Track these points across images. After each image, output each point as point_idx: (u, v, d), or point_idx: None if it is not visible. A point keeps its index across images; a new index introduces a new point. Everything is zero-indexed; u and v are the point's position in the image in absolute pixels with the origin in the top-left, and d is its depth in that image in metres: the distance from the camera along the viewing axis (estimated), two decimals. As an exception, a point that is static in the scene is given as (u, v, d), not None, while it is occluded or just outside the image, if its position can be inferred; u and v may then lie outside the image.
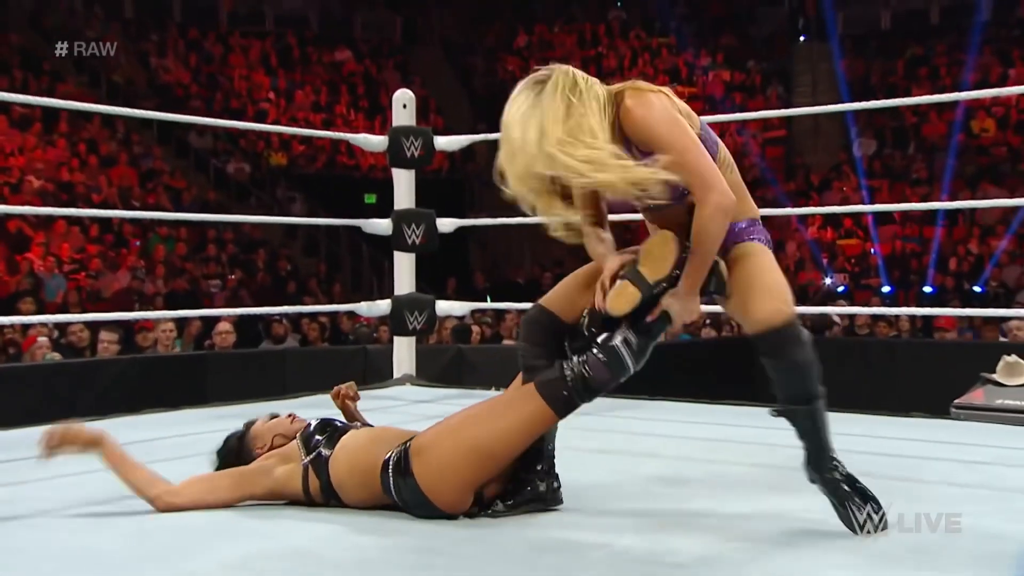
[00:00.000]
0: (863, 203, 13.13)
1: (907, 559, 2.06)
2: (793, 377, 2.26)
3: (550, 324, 2.42)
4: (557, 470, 2.48)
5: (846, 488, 2.26)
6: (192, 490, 2.43)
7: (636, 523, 2.35)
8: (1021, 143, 14.47)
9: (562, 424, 2.37)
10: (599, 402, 2.34)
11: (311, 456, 2.46)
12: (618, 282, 2.33)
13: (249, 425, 2.65)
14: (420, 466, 2.33)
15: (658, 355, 2.46)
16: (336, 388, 2.92)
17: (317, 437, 2.49)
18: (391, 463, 2.38)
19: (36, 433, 3.70)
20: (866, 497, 2.25)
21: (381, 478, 2.39)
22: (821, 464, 2.29)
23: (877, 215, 13.74)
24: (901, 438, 3.43)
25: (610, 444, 2.46)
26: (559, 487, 2.47)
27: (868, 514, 2.24)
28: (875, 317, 8.57)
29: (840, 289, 12.91)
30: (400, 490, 2.36)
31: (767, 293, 2.29)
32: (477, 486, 2.37)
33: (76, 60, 15.33)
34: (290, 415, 2.66)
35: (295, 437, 2.53)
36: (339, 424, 2.56)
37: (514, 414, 2.34)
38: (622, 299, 2.31)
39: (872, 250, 13.89)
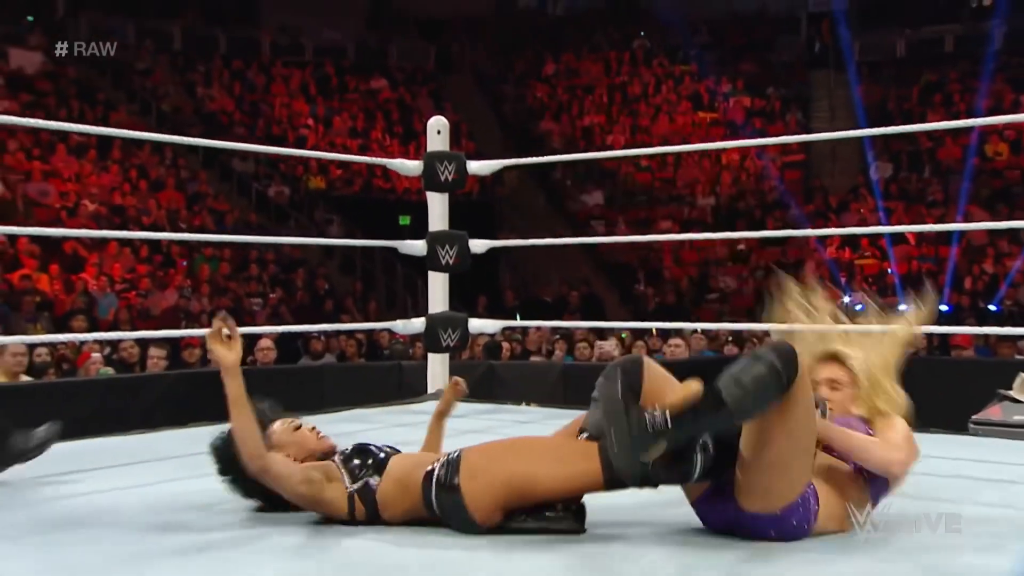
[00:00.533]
0: (880, 224, 13.05)
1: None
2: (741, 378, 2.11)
3: (635, 378, 2.26)
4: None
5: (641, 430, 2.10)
6: (281, 470, 2.39)
7: (660, 538, 2.31)
8: (1034, 166, 14.34)
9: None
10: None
11: (358, 485, 2.41)
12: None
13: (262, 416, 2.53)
14: (467, 483, 2.33)
15: (683, 371, 2.43)
16: (456, 379, 2.99)
17: (356, 462, 2.45)
18: (436, 476, 2.37)
19: (89, 445, 3.75)
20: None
21: (423, 488, 2.38)
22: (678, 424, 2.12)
23: (893, 236, 13.64)
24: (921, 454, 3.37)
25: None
26: (582, 511, 2.41)
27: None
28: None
29: (858, 308, 12.77)
30: (442, 501, 2.36)
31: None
32: (510, 508, 2.37)
33: (128, 91, 15.53)
34: (313, 428, 2.61)
35: (327, 457, 2.51)
36: (374, 450, 2.51)
37: (568, 467, 2.32)
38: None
39: (889, 269, 13.77)
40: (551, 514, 2.37)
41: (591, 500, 2.44)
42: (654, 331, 8.62)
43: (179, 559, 2.20)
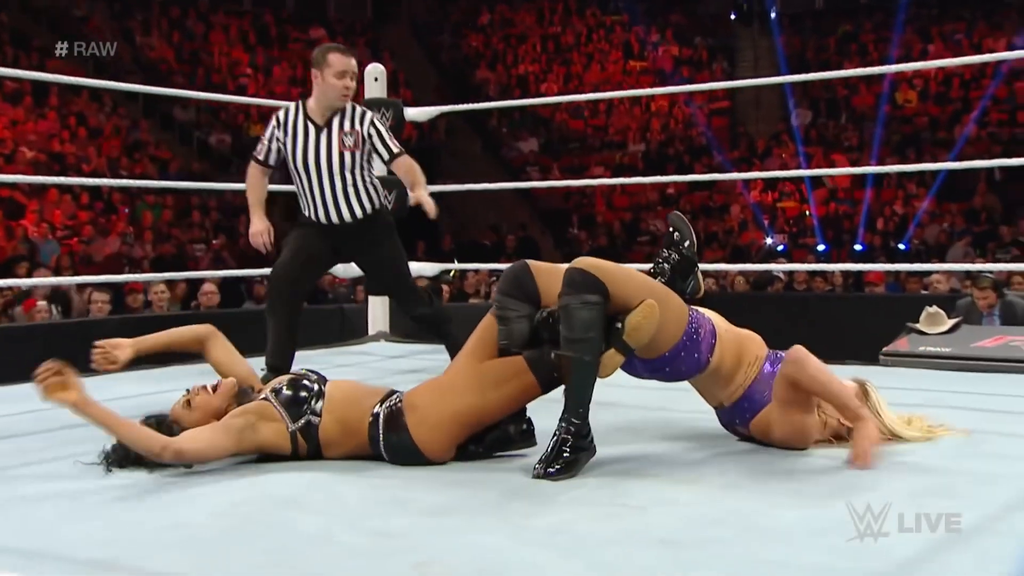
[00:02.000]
0: (800, 168, 13.23)
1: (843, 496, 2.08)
2: (569, 321, 2.28)
3: (528, 285, 2.45)
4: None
5: (558, 443, 2.28)
6: (196, 445, 2.28)
7: (599, 469, 2.35)
8: (939, 113, 14.59)
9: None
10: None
11: (300, 424, 2.38)
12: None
13: (161, 420, 2.43)
14: (414, 424, 2.35)
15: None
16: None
17: (291, 398, 2.39)
18: (382, 419, 2.37)
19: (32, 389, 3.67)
20: (557, 462, 2.27)
21: (369, 432, 2.38)
22: (567, 411, 2.31)
23: (812, 180, 13.83)
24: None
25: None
26: (530, 429, 2.47)
27: (550, 463, 2.26)
28: (812, 273, 8.64)
29: (780, 248, 12.99)
30: (390, 443, 2.36)
31: (606, 261, 2.38)
32: (463, 440, 2.40)
33: (65, 37, 14.99)
34: (203, 386, 2.47)
35: (246, 397, 2.45)
36: (307, 384, 2.43)
37: (508, 388, 2.38)
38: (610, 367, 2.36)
39: (808, 212, 13.98)
40: (497, 434, 2.42)
41: (537, 431, 2.47)
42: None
43: (119, 502, 2.17)
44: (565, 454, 2.27)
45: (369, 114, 3.69)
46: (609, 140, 16.59)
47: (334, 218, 3.67)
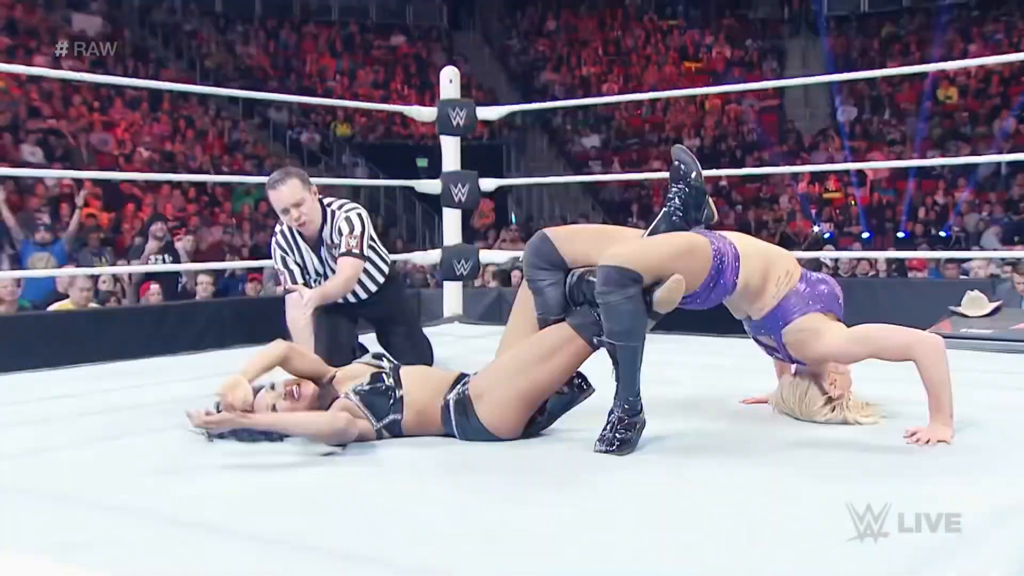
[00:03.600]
0: (846, 162, 12.91)
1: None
2: (611, 316, 2.22)
3: (550, 253, 2.41)
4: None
5: (615, 423, 2.23)
6: (348, 423, 2.27)
7: (659, 445, 2.30)
8: (979, 108, 14.12)
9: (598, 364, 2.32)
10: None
11: (386, 422, 2.35)
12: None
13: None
14: (482, 409, 2.33)
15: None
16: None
17: (375, 399, 2.35)
18: (452, 404, 2.35)
19: (149, 363, 3.76)
20: (617, 438, 2.22)
21: (443, 417, 2.37)
22: (619, 394, 2.25)
23: (858, 172, 13.49)
24: (880, 364, 3.34)
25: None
26: (583, 381, 2.42)
27: (608, 441, 2.21)
28: (857, 260, 8.43)
29: (827, 236, 12.69)
30: (462, 426, 2.35)
31: (632, 244, 2.33)
32: (529, 415, 2.37)
33: (176, 50, 15.30)
34: (289, 392, 2.37)
35: (331, 388, 2.42)
36: (385, 379, 2.39)
37: (560, 358, 2.32)
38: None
39: (854, 202, 13.65)
40: (555, 400, 2.37)
41: (598, 407, 2.43)
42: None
43: (225, 469, 2.20)
44: (622, 433, 2.23)
45: (342, 216, 3.34)
46: (666, 136, 16.37)
47: (350, 298, 3.46)
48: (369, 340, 3.62)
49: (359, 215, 3.39)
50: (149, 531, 1.73)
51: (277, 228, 3.42)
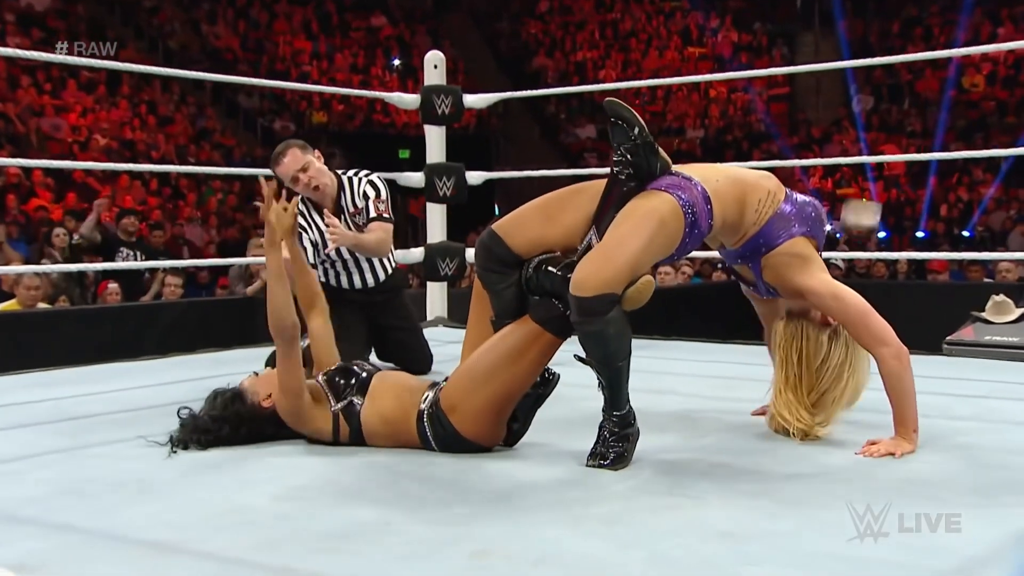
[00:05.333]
0: (861, 155, 12.94)
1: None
2: (592, 344, 2.23)
3: (501, 252, 2.40)
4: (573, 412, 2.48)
5: (606, 437, 2.26)
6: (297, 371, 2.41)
7: (655, 459, 2.32)
8: (1008, 97, 14.17)
9: (581, 365, 2.33)
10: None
11: (342, 404, 2.42)
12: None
13: (237, 394, 2.49)
14: (458, 419, 2.35)
15: (670, 298, 2.41)
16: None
17: (339, 381, 2.45)
18: (426, 418, 2.38)
19: (106, 370, 3.74)
20: (611, 452, 2.24)
21: (418, 429, 2.39)
22: (607, 408, 2.28)
23: (875, 166, 13.54)
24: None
25: (631, 382, 2.42)
26: (547, 374, 2.42)
27: (601, 456, 2.24)
28: (873, 260, 8.46)
29: (839, 235, 12.75)
30: (442, 440, 2.37)
31: (599, 259, 2.24)
32: (507, 417, 2.40)
33: (136, 28, 15.25)
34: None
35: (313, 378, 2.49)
36: (356, 369, 2.50)
37: (529, 356, 2.33)
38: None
39: (869, 199, 13.70)
40: (525, 401, 2.39)
41: (591, 418, 2.44)
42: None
43: (182, 483, 2.19)
44: (615, 447, 2.25)
45: (364, 180, 3.57)
46: (667, 126, 16.42)
47: (357, 284, 3.64)
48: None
49: (381, 180, 3.58)
50: (104, 551, 1.73)
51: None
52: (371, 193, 3.52)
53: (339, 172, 3.56)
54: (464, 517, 1.90)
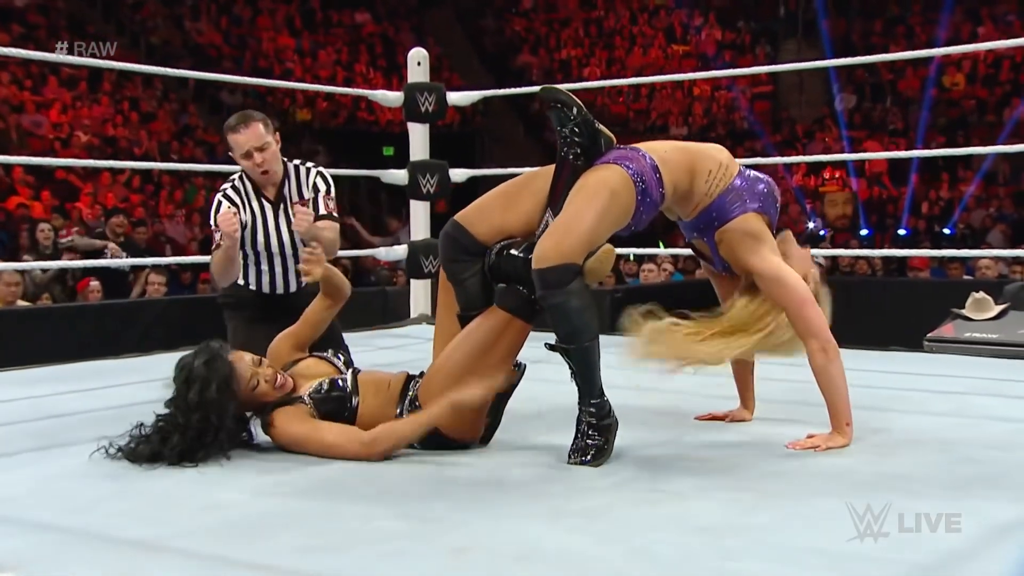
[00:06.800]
0: (844, 152, 13.01)
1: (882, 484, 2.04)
2: (558, 318, 2.24)
3: (465, 240, 2.42)
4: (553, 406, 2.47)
5: (584, 430, 2.27)
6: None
7: (636, 454, 2.33)
8: (988, 96, 14.27)
9: (563, 363, 2.33)
10: (604, 340, 2.31)
11: None
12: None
13: (220, 355, 2.34)
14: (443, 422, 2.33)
15: (652, 295, 2.42)
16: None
17: (332, 406, 2.38)
18: (405, 415, 2.38)
19: (86, 368, 3.72)
20: (591, 445, 2.25)
21: None
22: (582, 398, 2.29)
23: (857, 164, 13.61)
24: (879, 371, 3.39)
25: (613, 378, 2.44)
26: (515, 364, 2.43)
27: (582, 451, 2.25)
28: (855, 258, 8.51)
29: (822, 233, 12.78)
30: (423, 439, 2.36)
31: (557, 232, 2.28)
32: (486, 410, 2.40)
33: (117, 24, 15.16)
34: (276, 375, 2.40)
35: (293, 399, 2.39)
36: (341, 385, 2.42)
37: (501, 346, 2.35)
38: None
39: (852, 196, 13.77)
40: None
41: (574, 415, 2.44)
42: (631, 257, 8.58)
43: (161, 481, 2.19)
44: (594, 440, 2.26)
45: (315, 172, 3.38)
46: (651, 124, 16.45)
47: (279, 288, 3.40)
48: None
49: (329, 176, 3.40)
50: (82, 550, 1.72)
51: (225, 185, 3.35)
52: (322, 187, 3.34)
53: (284, 160, 3.36)
54: (445, 513, 1.90)
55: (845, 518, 1.80)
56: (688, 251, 2.99)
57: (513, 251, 2.36)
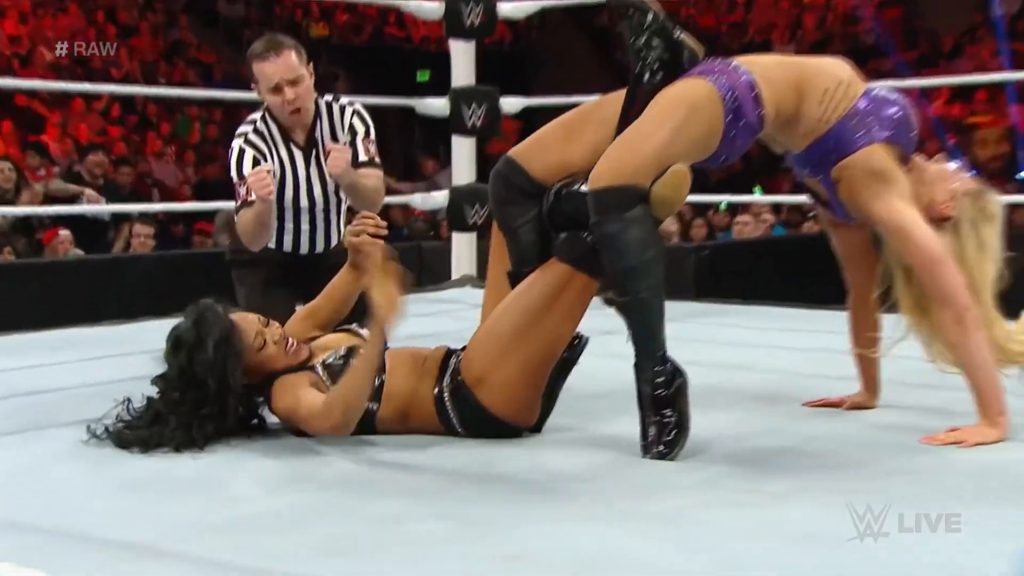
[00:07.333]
0: (1002, 72, 12.68)
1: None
2: (612, 252, 2.25)
3: (519, 180, 2.46)
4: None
5: (650, 403, 2.27)
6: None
7: (728, 447, 2.36)
8: None
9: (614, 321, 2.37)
10: (688, 308, 2.35)
11: None
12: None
13: (212, 310, 2.40)
14: (487, 396, 2.39)
15: (748, 253, 2.43)
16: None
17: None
18: (447, 396, 2.42)
19: (60, 337, 3.82)
20: (665, 425, 2.25)
21: (438, 411, 2.44)
22: (640, 364, 2.29)
23: (1019, 86, 13.27)
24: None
25: (699, 355, 2.45)
26: (575, 336, 2.47)
27: (659, 439, 2.25)
28: (1012, 206, 8.35)
29: (972, 173, 12.56)
30: (469, 422, 2.42)
31: (618, 148, 2.30)
32: (543, 388, 2.43)
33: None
34: (285, 339, 2.46)
35: (306, 366, 2.46)
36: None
37: (562, 306, 2.37)
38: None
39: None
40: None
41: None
42: (721, 206, 8.53)
43: (160, 474, 2.26)
44: (667, 417, 2.26)
45: (351, 111, 3.46)
46: (749, 41, 16.23)
47: (303, 247, 3.47)
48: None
49: (367, 115, 3.46)
50: (69, 553, 1.78)
51: (245, 127, 3.38)
52: (359, 128, 3.42)
53: (315, 96, 3.43)
54: (492, 514, 1.94)
55: (998, 531, 1.79)
56: (795, 198, 3.00)
57: (575, 188, 2.39)
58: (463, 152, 5.24)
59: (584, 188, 2.35)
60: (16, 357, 3.44)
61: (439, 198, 5.26)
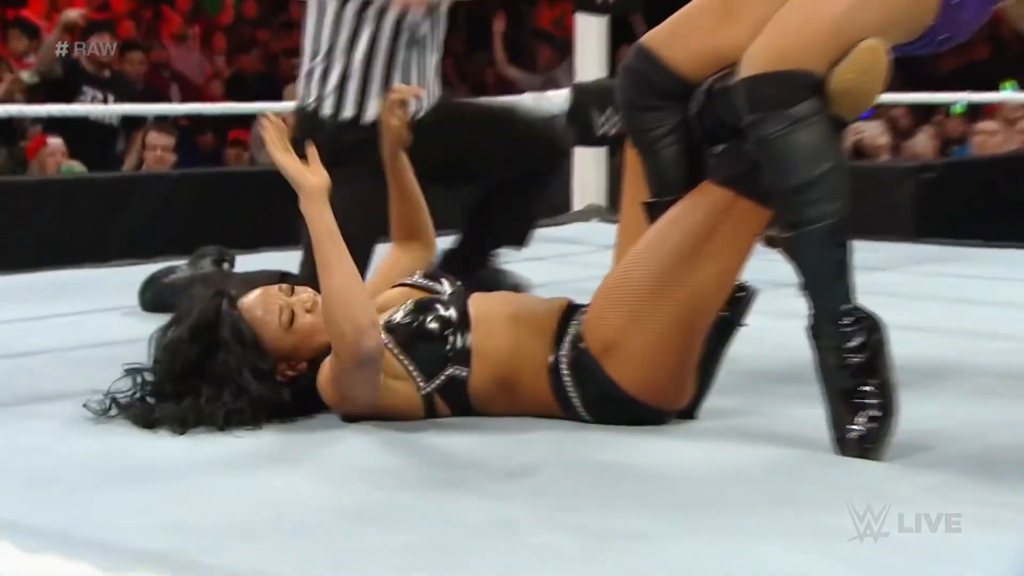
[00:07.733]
0: None
1: None
2: (774, 164, 2.23)
3: (658, 76, 2.45)
4: None
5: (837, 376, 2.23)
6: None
7: (960, 445, 2.34)
8: None
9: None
10: (905, 254, 2.33)
11: (437, 383, 2.45)
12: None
13: (223, 290, 2.52)
14: (618, 366, 2.40)
15: (991, 175, 2.40)
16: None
17: (424, 342, 2.45)
18: (565, 369, 2.44)
19: (53, 280, 3.92)
20: (863, 407, 2.21)
21: (553, 387, 2.46)
22: (817, 325, 2.25)
23: None
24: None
25: (927, 319, 2.40)
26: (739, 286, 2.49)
27: (856, 427, 2.22)
28: None
29: None
30: (593, 404, 2.44)
31: (783, 21, 2.27)
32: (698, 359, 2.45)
33: None
34: (313, 294, 2.52)
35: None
36: (441, 310, 2.49)
37: (720, 245, 2.37)
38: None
39: None
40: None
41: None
42: (955, 107, 8.39)
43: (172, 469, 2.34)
44: (861, 397, 2.23)
45: None
46: None
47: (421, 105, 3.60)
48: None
49: None
50: (63, 560, 1.83)
51: None
52: None
53: None
54: (628, 526, 1.95)
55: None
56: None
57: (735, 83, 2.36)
58: (591, 37, 5.23)
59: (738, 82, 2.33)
60: (2, 307, 3.53)
61: (556, 99, 5.26)
